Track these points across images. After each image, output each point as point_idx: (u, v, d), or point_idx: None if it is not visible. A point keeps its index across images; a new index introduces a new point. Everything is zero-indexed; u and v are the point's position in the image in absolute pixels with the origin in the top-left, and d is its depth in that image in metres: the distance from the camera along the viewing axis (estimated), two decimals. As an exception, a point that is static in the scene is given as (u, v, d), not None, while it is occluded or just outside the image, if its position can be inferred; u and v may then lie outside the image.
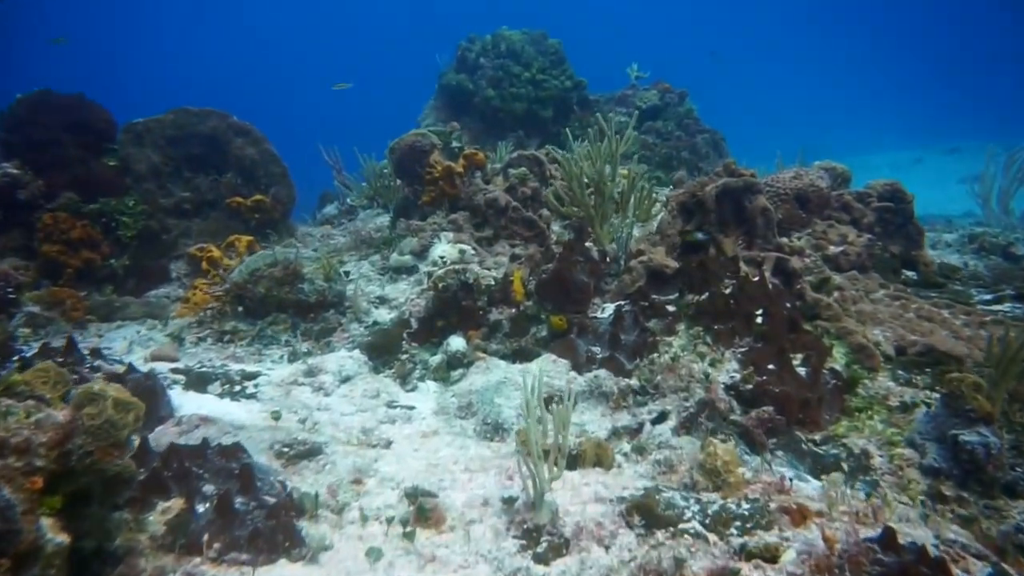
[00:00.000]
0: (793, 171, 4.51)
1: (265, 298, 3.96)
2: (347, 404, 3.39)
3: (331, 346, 3.95)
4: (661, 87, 12.34)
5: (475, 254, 4.83)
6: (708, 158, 11.21)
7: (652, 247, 4.22)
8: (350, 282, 4.71)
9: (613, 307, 3.87)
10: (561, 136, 11.69)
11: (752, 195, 3.96)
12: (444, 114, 11.77)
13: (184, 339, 3.87)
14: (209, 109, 5.82)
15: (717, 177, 4.28)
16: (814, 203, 4.44)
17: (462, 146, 5.48)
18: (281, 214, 6.00)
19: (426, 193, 5.22)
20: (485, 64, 11.18)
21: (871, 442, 2.90)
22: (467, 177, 5.24)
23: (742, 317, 3.42)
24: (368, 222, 6.85)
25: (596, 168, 4.07)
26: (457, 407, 3.43)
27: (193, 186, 5.87)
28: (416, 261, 4.86)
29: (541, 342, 3.85)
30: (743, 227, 4.04)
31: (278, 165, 5.97)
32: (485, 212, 5.09)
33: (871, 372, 3.27)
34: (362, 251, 5.56)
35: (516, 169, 5.26)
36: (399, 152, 5.28)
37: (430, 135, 5.32)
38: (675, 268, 3.87)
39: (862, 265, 4.08)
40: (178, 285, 5.39)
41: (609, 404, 3.31)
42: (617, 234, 4.03)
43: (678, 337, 3.53)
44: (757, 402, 3.05)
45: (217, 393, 3.28)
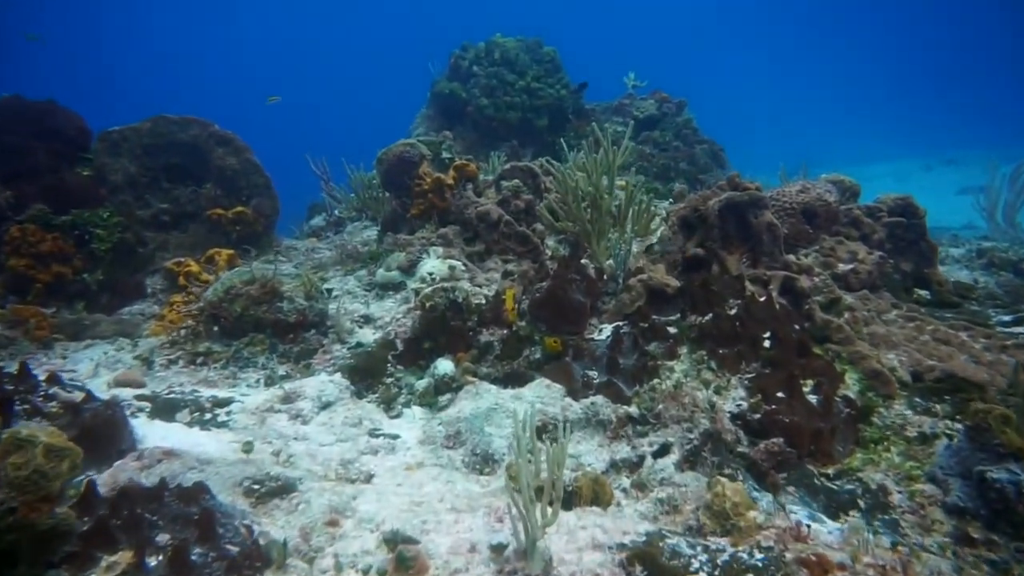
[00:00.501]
0: (800, 184, 4.37)
1: (241, 317, 3.78)
2: (326, 433, 3.21)
3: (311, 369, 3.77)
4: (659, 96, 12.27)
5: (466, 270, 4.66)
6: (707, 169, 11.11)
7: (652, 264, 4.07)
8: (333, 300, 4.54)
9: (611, 328, 3.71)
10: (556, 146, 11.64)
11: (758, 210, 3.82)
12: (437, 123, 11.66)
13: (154, 361, 3.68)
14: (189, 117, 5.67)
15: (720, 191, 4.14)
16: (822, 218, 4.30)
17: (453, 157, 5.33)
18: (264, 227, 5.83)
19: (415, 206, 5.07)
20: (479, 72, 11.09)
21: (889, 477, 2.74)
22: (458, 189, 5.09)
23: (748, 340, 3.26)
24: (355, 235, 6.70)
25: (593, 181, 3.92)
26: (444, 436, 3.25)
27: (172, 197, 5.70)
28: (404, 277, 4.69)
29: (534, 365, 3.69)
30: (748, 244, 3.89)
31: (261, 175, 5.81)
32: (476, 226, 4.94)
33: (886, 400, 3.11)
34: (348, 266, 5.39)
35: (509, 181, 5.11)
36: (387, 163, 5.12)
37: (419, 145, 5.17)
38: (677, 287, 3.71)
39: (873, 284, 3.94)
40: (154, 301, 5.21)
41: (607, 433, 3.14)
42: (615, 250, 3.87)
43: (680, 361, 3.37)
44: (766, 432, 2.89)
45: (186, 422, 3.10)
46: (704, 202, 4.13)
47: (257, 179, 5.80)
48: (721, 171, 11.60)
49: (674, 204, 5.81)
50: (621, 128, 11.67)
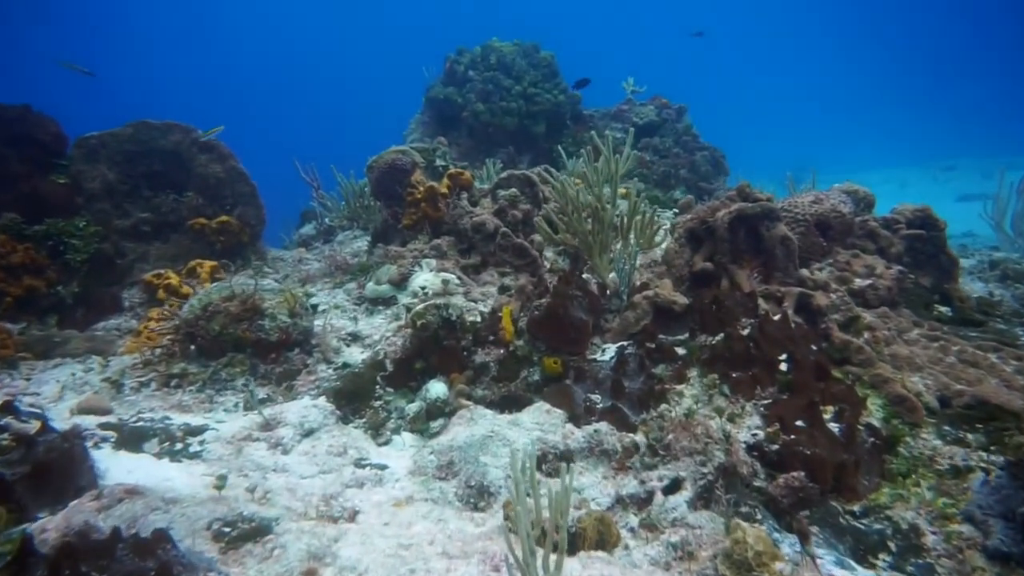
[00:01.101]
0: (812, 195, 4.19)
1: (220, 336, 3.57)
2: (308, 464, 3.00)
3: (294, 391, 3.56)
4: (658, 102, 12.12)
5: (460, 284, 4.46)
6: (709, 176, 10.95)
7: (658, 279, 3.87)
8: (319, 315, 4.33)
9: (615, 348, 3.51)
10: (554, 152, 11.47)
11: (770, 222, 3.63)
12: (431, 129, 11.49)
13: (124, 384, 3.46)
14: (171, 122, 5.47)
15: (730, 201, 3.95)
16: (836, 230, 4.11)
17: (447, 164, 5.14)
18: (250, 237, 5.62)
19: (407, 216, 4.87)
20: (474, 77, 10.92)
21: (920, 515, 2.54)
22: (452, 199, 4.89)
23: (763, 363, 3.06)
24: (345, 245, 6.50)
25: (594, 191, 3.73)
26: (436, 466, 3.04)
27: (153, 206, 5.49)
28: (395, 291, 4.49)
29: (533, 387, 3.49)
30: (760, 258, 3.70)
31: (246, 184, 5.61)
32: (471, 237, 4.74)
33: (913, 428, 2.92)
34: (336, 279, 5.19)
35: (506, 190, 4.92)
36: (378, 171, 4.93)
37: (412, 152, 4.97)
38: (685, 305, 3.52)
39: (892, 300, 3.75)
40: (131, 315, 4.99)
41: (612, 464, 2.94)
42: (618, 264, 3.68)
43: (690, 385, 3.17)
44: (785, 465, 2.68)
45: (154, 453, 2.88)
46: (712, 214, 3.94)
47: (242, 187, 5.59)
48: (723, 178, 11.47)
49: (678, 215, 5.62)
50: (620, 135, 11.52)
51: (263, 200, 6.03)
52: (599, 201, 3.76)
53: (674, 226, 4.22)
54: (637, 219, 3.89)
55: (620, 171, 3.75)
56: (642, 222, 3.88)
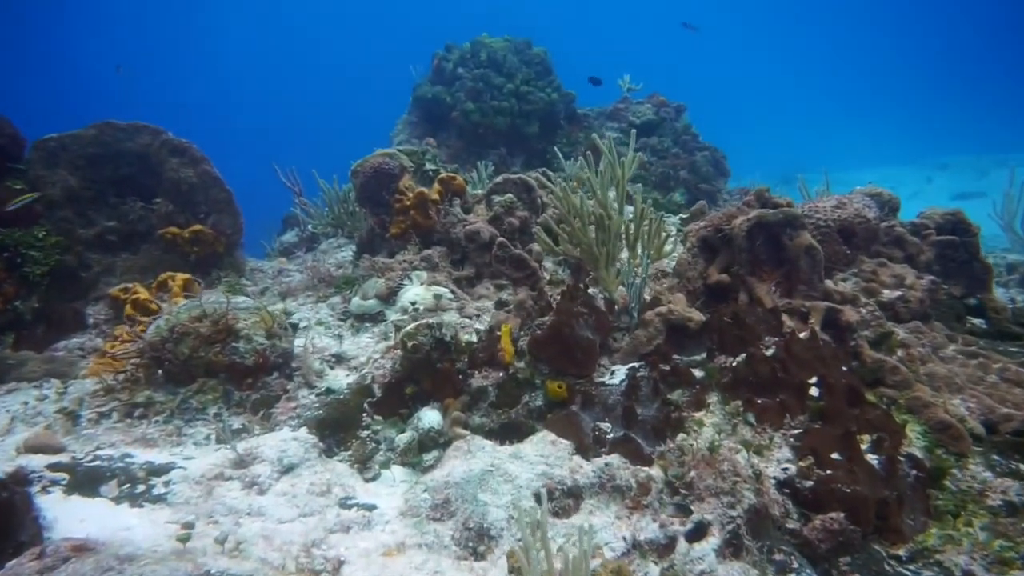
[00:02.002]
0: (834, 199, 3.99)
1: (190, 360, 3.31)
2: (287, 506, 2.75)
3: (272, 419, 3.31)
4: (656, 100, 11.94)
5: (453, 298, 4.23)
6: (709, 178, 10.78)
7: (669, 292, 3.65)
8: (301, 333, 4.08)
9: (625, 371, 3.28)
10: (548, 153, 11.26)
11: (793, 230, 3.42)
12: (419, 129, 11.25)
13: (81, 415, 3.19)
14: (138, 123, 5.20)
15: (747, 207, 3.74)
16: (861, 237, 3.91)
17: (438, 168, 4.91)
18: (226, 246, 5.35)
19: (395, 224, 4.62)
20: (464, 75, 10.69)
21: (975, 560, 2.33)
22: (444, 206, 4.65)
23: (792, 388, 2.85)
24: (329, 254, 6.24)
25: (599, 198, 3.50)
26: (430, 505, 2.79)
27: (120, 214, 5.21)
28: (383, 307, 4.24)
29: (535, 413, 3.25)
30: (781, 269, 3.48)
31: (222, 190, 5.34)
32: (465, 247, 4.51)
33: (959, 459, 2.70)
34: (320, 292, 4.94)
35: (501, 196, 4.69)
36: (363, 176, 4.68)
37: (399, 156, 4.73)
38: (701, 322, 3.29)
39: (924, 313, 3.54)
40: (96, 333, 4.72)
41: (626, 503, 2.71)
42: (626, 277, 3.45)
43: (710, 412, 2.95)
44: (821, 504, 2.46)
45: (112, 497, 2.62)
46: (728, 221, 3.73)
47: (217, 193, 5.33)
48: (723, 180, 11.29)
49: (686, 220, 5.41)
50: (617, 134, 11.32)
51: (241, 207, 5.79)
52: (604, 209, 3.54)
53: (686, 234, 4.00)
54: (644, 227, 3.68)
55: (626, 175, 3.53)
56: (650, 230, 3.66)
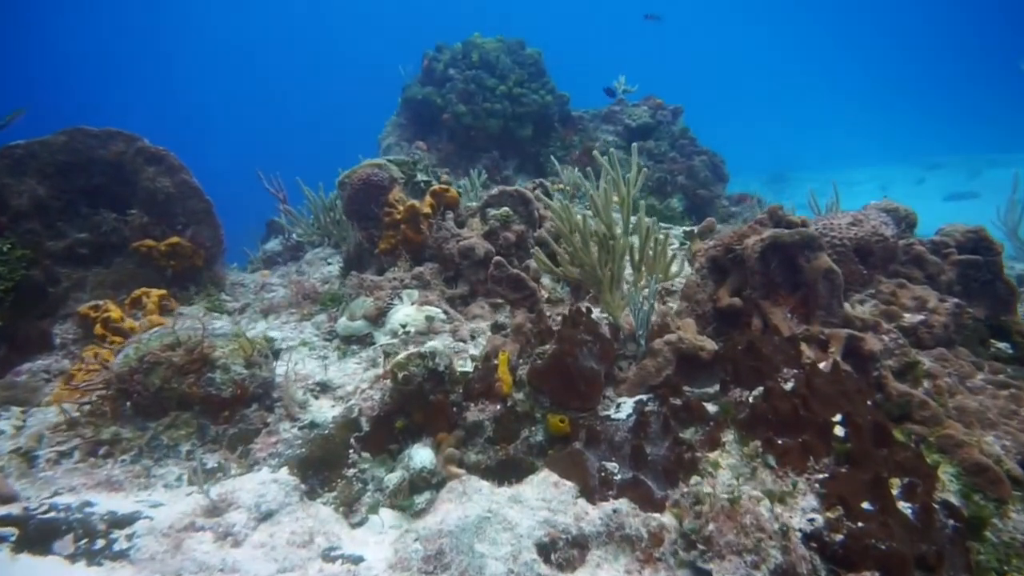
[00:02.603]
0: (850, 215, 3.81)
1: (161, 393, 3.07)
2: (264, 559, 2.52)
3: (251, 456, 3.07)
4: (652, 103, 11.78)
5: (447, 319, 4.01)
6: (708, 183, 10.61)
7: (677, 317, 3.45)
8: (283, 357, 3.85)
9: (632, 404, 3.08)
10: (541, 157, 11.06)
11: (811, 252, 3.22)
12: (409, 132, 11.03)
13: (39, 455, 2.95)
14: (111, 129, 4.94)
15: (759, 226, 3.55)
16: (878, 256, 3.73)
17: (430, 180, 4.69)
18: (205, 260, 5.11)
19: (384, 239, 4.40)
20: (455, 76, 10.48)
21: (1023, 626, 2.14)
22: (436, 220, 4.44)
23: (815, 428, 2.65)
24: (314, 266, 6.01)
25: (603, 217, 3.30)
26: (422, 557, 2.58)
27: (91, 225, 4.96)
28: (371, 328, 4.02)
29: (536, 449, 3.05)
30: (798, 293, 3.29)
31: (201, 200, 5.10)
32: (459, 264, 4.29)
33: (999, 505, 2.52)
34: (304, 309, 4.70)
35: (497, 209, 4.48)
36: (350, 188, 4.46)
37: (389, 166, 4.51)
38: (713, 351, 3.09)
39: (949, 339, 3.36)
40: (64, 354, 4.46)
41: (636, 555, 2.51)
42: (632, 301, 3.24)
43: (725, 452, 2.75)
44: (853, 562, 2.26)
45: (67, 554, 2.39)
46: (740, 240, 3.53)
47: (196, 204, 5.08)
48: (722, 185, 11.13)
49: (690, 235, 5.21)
50: (613, 137, 11.15)
51: (226, 212, 5.55)
52: (608, 228, 3.34)
53: (694, 254, 3.80)
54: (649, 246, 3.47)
55: (632, 191, 3.33)
56: (656, 249, 3.46)
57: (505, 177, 10.48)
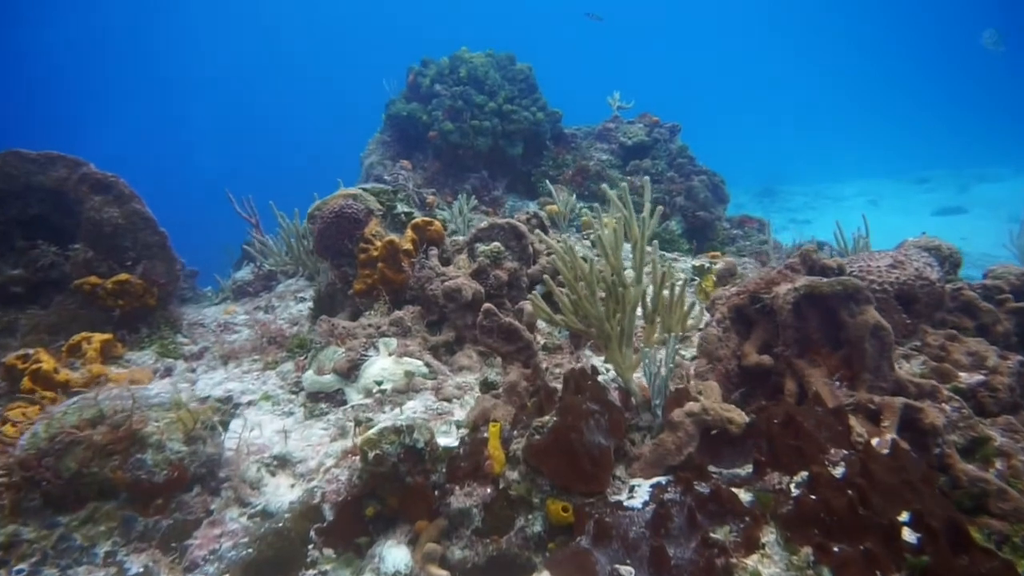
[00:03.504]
0: (889, 256, 3.37)
1: (77, 479, 2.56)
2: None
3: (187, 556, 2.56)
4: (648, 120, 11.41)
5: (430, 372, 3.53)
6: (708, 205, 10.22)
7: (697, 378, 2.99)
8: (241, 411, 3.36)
9: (648, 488, 2.60)
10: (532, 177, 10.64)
11: (856, 305, 2.77)
12: (393, 150, 10.58)
13: (-82, 563, 2.42)
14: (52, 153, 4.44)
15: (790, 271, 3.10)
16: (923, 303, 3.29)
17: (412, 212, 4.22)
18: (158, 298, 4.59)
19: (360, 279, 3.92)
20: (442, 92, 10.06)
21: None
22: (418, 257, 3.96)
23: (878, 532, 2.18)
24: (285, 301, 5.51)
25: (612, 263, 2.85)
26: None
27: (28, 260, 4.44)
28: (342, 383, 3.52)
29: (533, 543, 2.57)
30: (840, 352, 2.84)
31: (154, 232, 4.60)
32: (444, 307, 3.82)
33: (1110, 634, 2.05)
34: (269, 355, 4.20)
35: (486, 244, 4.01)
36: (322, 221, 3.98)
37: (366, 197, 4.04)
38: (744, 424, 2.63)
39: (1014, 403, 2.91)
40: (-11, 411, 3.91)
41: None
42: (648, 365, 2.78)
43: (766, 558, 2.27)
44: None
45: None
46: (768, 287, 3.08)
47: (148, 237, 4.58)
48: (722, 207, 10.74)
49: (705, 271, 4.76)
50: (607, 156, 10.74)
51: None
52: (618, 275, 2.88)
53: (712, 301, 3.35)
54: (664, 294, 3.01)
55: (645, 234, 2.88)
56: (672, 298, 3.00)
57: (495, 197, 10.04)
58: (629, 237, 2.93)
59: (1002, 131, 36.31)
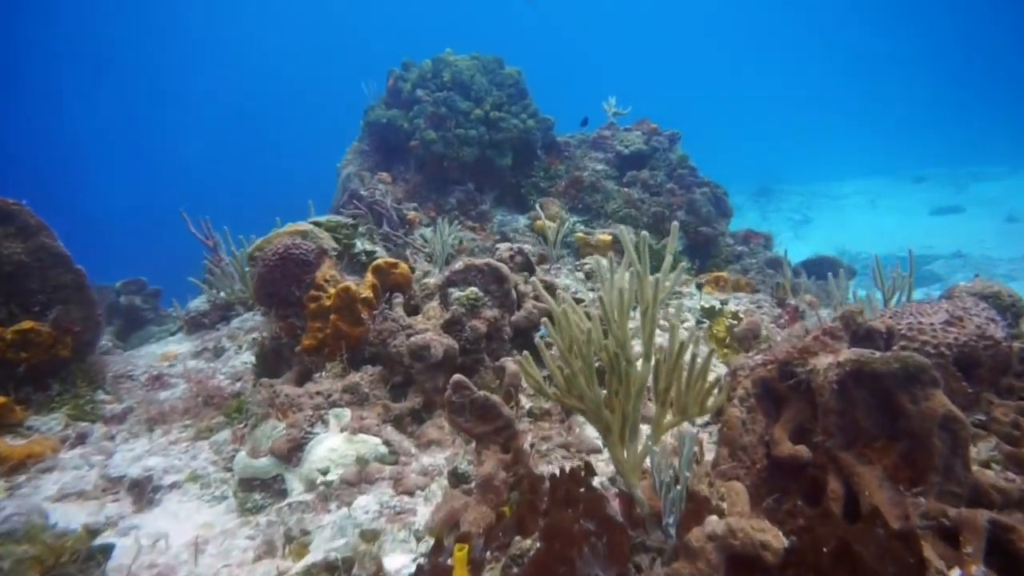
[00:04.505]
0: (943, 309, 2.83)
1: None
2: None
3: None
4: (646, 127, 10.87)
5: (388, 452, 2.96)
6: (710, 219, 9.68)
7: (719, 478, 2.44)
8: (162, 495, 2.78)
9: (661, 637, 2.04)
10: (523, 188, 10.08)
11: (920, 388, 2.23)
12: (371, 160, 10.02)
13: None
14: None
15: (830, 338, 2.55)
16: (987, 368, 2.75)
17: (374, 251, 3.65)
18: (74, 348, 3.99)
19: (309, 334, 3.35)
20: (424, 97, 9.49)
21: None
22: (380, 307, 3.39)
23: None
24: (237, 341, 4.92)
25: (616, 334, 2.30)
26: None
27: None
28: (281, 468, 2.95)
29: None
30: (899, 446, 2.29)
31: (68, 270, 4.00)
32: (409, 367, 3.25)
33: None
34: (204, 420, 3.63)
35: (462, 290, 3.44)
36: (263, 264, 3.41)
37: (317, 234, 3.47)
38: (781, 551, 2.07)
39: (1113, 507, 2.36)
40: None
41: None
42: (658, 470, 2.22)
43: None
44: None
45: None
46: (803, 357, 2.54)
47: (60, 276, 3.99)
48: (725, 221, 10.20)
49: (716, 314, 4.18)
50: (603, 166, 10.20)
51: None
52: (623, 350, 2.32)
53: (733, 372, 2.79)
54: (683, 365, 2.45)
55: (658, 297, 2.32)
56: (692, 371, 2.44)
57: (482, 212, 9.48)
58: (639, 299, 2.36)
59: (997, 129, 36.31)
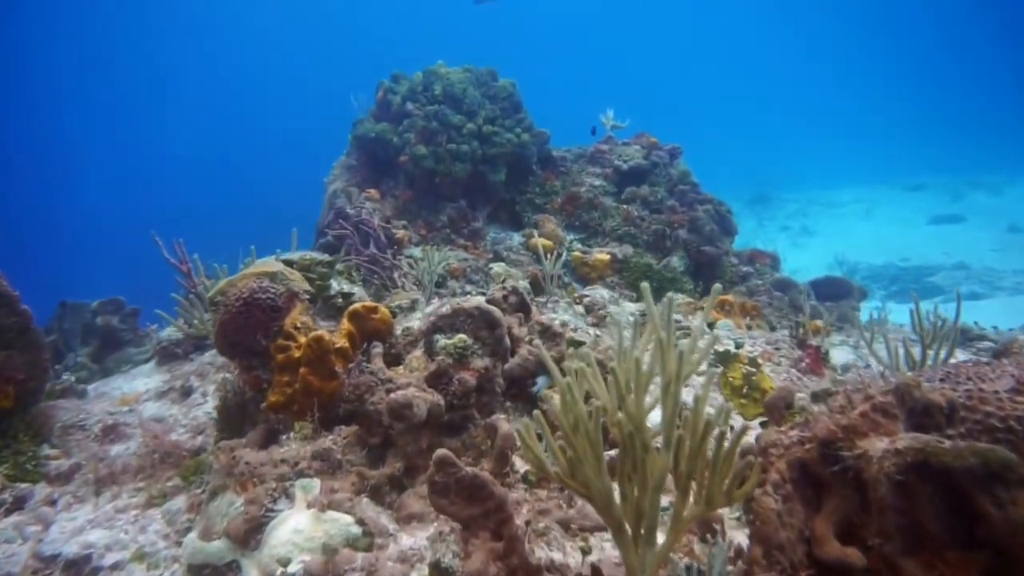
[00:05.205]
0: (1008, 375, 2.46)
1: None
2: None
3: None
4: (646, 141, 10.55)
5: (363, 534, 2.57)
6: (713, 238, 9.34)
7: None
8: None
9: None
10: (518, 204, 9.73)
11: (1005, 490, 1.86)
12: (360, 175, 9.65)
13: None
14: None
15: (883, 416, 2.18)
16: (1058, 446, 2.38)
17: (351, 293, 3.27)
18: (17, 399, 3.60)
19: (276, 389, 2.97)
20: (414, 111, 9.14)
21: None
22: (356, 359, 3.01)
23: None
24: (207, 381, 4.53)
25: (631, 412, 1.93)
26: None
27: None
28: (236, 554, 2.56)
29: None
30: (979, 556, 1.91)
31: (12, 312, 3.61)
32: (388, 427, 2.86)
33: None
34: (159, 481, 3.23)
35: (448, 338, 3.07)
36: (225, 311, 3.03)
37: (287, 275, 3.09)
38: None
39: None
40: None
41: None
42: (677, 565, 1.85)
43: None
44: None
45: None
46: (849, 437, 2.17)
47: (3, 319, 3.60)
48: (729, 240, 9.86)
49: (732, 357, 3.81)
50: (601, 182, 9.86)
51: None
52: (639, 430, 1.95)
53: (764, 450, 2.42)
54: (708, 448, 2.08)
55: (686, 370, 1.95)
56: (718, 453, 2.07)
57: (474, 229, 9.12)
58: (661, 371, 1.99)
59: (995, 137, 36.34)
